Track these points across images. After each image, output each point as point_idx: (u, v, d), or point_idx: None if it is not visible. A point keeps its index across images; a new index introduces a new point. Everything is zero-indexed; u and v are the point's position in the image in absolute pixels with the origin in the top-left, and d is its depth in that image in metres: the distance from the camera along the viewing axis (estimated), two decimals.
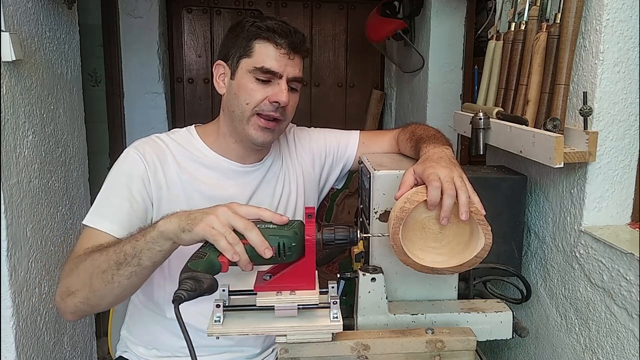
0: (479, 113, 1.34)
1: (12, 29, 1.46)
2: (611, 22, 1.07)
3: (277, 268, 0.93)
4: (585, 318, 1.15)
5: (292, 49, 1.14)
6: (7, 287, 1.45)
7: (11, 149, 1.48)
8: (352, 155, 1.37)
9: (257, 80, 1.14)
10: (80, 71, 2.01)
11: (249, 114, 1.15)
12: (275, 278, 0.91)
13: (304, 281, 0.90)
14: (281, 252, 0.88)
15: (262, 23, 1.14)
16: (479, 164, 1.64)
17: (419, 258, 0.94)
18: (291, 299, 0.90)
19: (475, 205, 0.91)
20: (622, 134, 1.11)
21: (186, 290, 0.80)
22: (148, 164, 1.16)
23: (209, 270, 0.84)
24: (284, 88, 1.14)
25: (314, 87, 3.22)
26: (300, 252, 0.90)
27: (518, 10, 1.30)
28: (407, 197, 0.91)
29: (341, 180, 1.44)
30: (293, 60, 1.15)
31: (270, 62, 1.13)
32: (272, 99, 1.14)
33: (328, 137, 1.39)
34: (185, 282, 0.81)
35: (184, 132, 1.26)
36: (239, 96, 1.15)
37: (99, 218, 1.10)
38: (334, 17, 3.17)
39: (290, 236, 0.88)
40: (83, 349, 1.99)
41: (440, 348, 0.94)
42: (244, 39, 1.15)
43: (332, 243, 0.91)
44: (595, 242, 1.10)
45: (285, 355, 0.92)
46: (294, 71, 1.16)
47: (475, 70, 2.01)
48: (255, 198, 1.24)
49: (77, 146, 1.96)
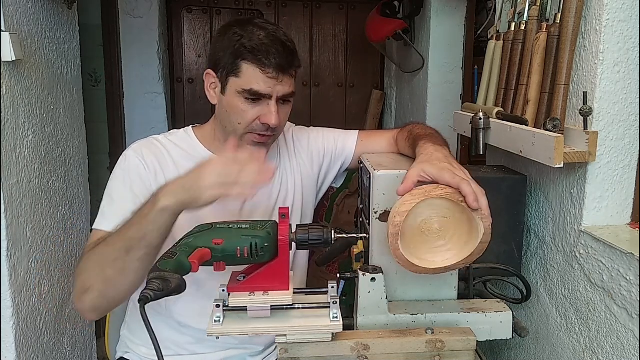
0: (479, 113, 1.34)
1: (12, 29, 1.46)
2: (611, 22, 1.07)
3: (251, 269, 0.93)
4: (585, 318, 1.15)
5: (280, 71, 1.10)
6: (7, 287, 1.45)
7: (11, 149, 1.48)
8: (351, 154, 1.37)
9: (247, 100, 1.12)
10: (80, 71, 2.01)
11: (241, 132, 1.15)
12: (249, 278, 0.91)
13: (278, 281, 0.90)
14: (254, 252, 0.88)
15: (248, 42, 1.09)
16: (479, 164, 1.64)
17: (429, 262, 0.94)
18: (264, 300, 0.90)
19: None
20: (622, 134, 1.11)
21: (153, 290, 0.79)
22: (148, 166, 1.16)
23: (178, 270, 0.84)
24: (274, 110, 1.12)
25: (314, 87, 3.22)
26: (274, 253, 0.90)
27: (518, 10, 1.30)
28: (395, 211, 0.91)
29: (339, 179, 1.43)
30: (282, 82, 1.12)
31: (258, 86, 1.10)
32: (263, 120, 1.13)
33: (326, 136, 1.38)
34: (153, 282, 0.80)
35: (181, 133, 1.26)
36: (230, 114, 1.14)
37: (105, 220, 1.11)
38: (334, 17, 3.17)
39: (262, 236, 0.88)
40: (83, 349, 1.99)
41: (440, 348, 0.94)
42: (231, 55, 1.11)
43: (305, 243, 0.91)
44: (595, 242, 1.10)
45: (285, 355, 0.92)
46: (284, 89, 1.13)
47: (475, 70, 2.01)
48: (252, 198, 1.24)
49: (77, 146, 1.96)
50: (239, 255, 0.88)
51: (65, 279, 1.83)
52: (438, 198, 0.91)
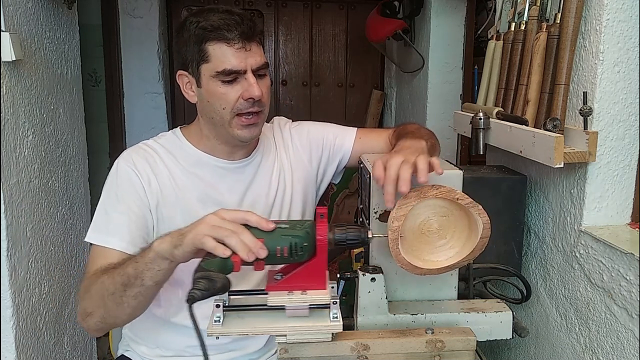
0: (479, 113, 1.34)
1: (12, 29, 1.46)
2: (611, 22, 1.07)
3: (289, 268, 0.93)
4: (585, 318, 1.15)
5: (245, 40, 1.09)
6: (7, 287, 1.45)
7: (11, 149, 1.48)
8: (349, 150, 1.35)
9: (224, 82, 1.10)
10: (80, 71, 2.01)
11: (228, 117, 1.13)
12: (287, 278, 0.91)
13: (315, 281, 0.90)
14: (293, 252, 0.88)
15: (206, 22, 1.08)
16: (479, 164, 1.64)
17: (432, 262, 0.94)
18: (302, 299, 0.90)
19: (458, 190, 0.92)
20: (622, 134, 1.11)
21: (199, 289, 0.80)
22: (140, 174, 1.15)
23: (222, 270, 0.84)
24: (253, 82, 1.10)
25: (314, 87, 3.22)
26: (312, 252, 0.89)
27: (518, 10, 1.30)
28: (392, 217, 0.91)
29: (338, 176, 1.41)
30: (251, 50, 1.10)
31: (230, 62, 1.08)
32: (246, 96, 1.11)
33: (325, 131, 1.37)
34: (199, 281, 0.81)
35: (170, 135, 1.25)
36: (212, 103, 1.13)
37: (103, 235, 1.11)
38: (334, 17, 3.17)
39: (302, 236, 0.88)
40: (83, 349, 1.99)
41: (440, 348, 0.94)
42: (195, 44, 1.10)
43: (343, 243, 0.91)
44: (595, 242, 1.10)
45: (285, 355, 0.92)
46: (256, 60, 1.11)
47: (475, 70, 2.01)
48: (249, 194, 1.23)
49: (77, 146, 1.96)
50: (278, 255, 0.88)
51: (65, 279, 1.83)
52: (433, 198, 0.91)
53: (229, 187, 1.21)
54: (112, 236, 1.10)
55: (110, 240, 1.10)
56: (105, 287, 1.00)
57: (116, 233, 1.10)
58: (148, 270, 0.95)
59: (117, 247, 1.09)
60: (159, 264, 0.94)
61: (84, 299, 1.06)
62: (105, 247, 1.10)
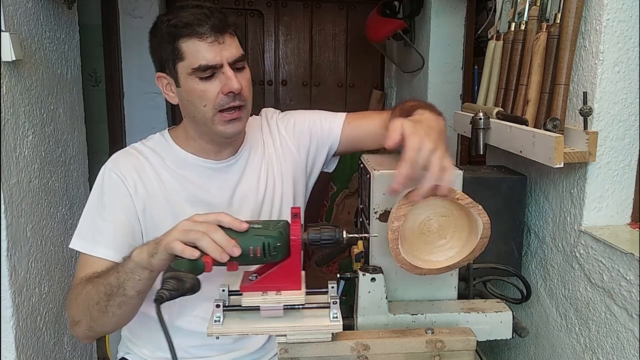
0: (479, 113, 1.34)
1: (12, 29, 1.46)
2: (611, 22, 1.07)
3: (264, 268, 0.92)
4: (585, 318, 1.15)
5: (217, 32, 1.07)
6: (7, 287, 1.45)
7: (11, 149, 1.48)
8: (337, 135, 1.32)
9: (202, 79, 1.09)
10: (80, 71, 2.01)
11: (210, 114, 1.12)
12: (261, 278, 0.91)
13: (290, 281, 0.90)
14: (266, 252, 0.88)
15: (177, 20, 1.07)
16: (479, 164, 1.64)
17: (432, 262, 0.94)
18: (276, 299, 0.90)
19: (458, 190, 0.91)
20: (622, 134, 1.11)
21: (168, 289, 0.80)
22: (126, 180, 1.14)
23: (192, 270, 0.84)
24: (230, 74, 1.09)
25: (314, 87, 3.22)
26: (286, 252, 0.89)
27: (518, 10, 1.30)
28: (392, 217, 0.91)
29: (331, 164, 1.39)
30: (224, 43, 1.08)
31: (204, 58, 1.07)
32: (225, 91, 1.09)
33: (312, 118, 1.34)
34: (168, 281, 0.81)
35: (157, 137, 1.24)
36: (193, 102, 1.12)
37: (89, 244, 1.11)
38: (334, 17, 3.17)
39: (275, 236, 0.88)
40: (83, 349, 1.99)
41: (440, 348, 0.94)
42: (167, 43, 1.09)
43: (317, 243, 0.91)
44: (595, 242, 1.10)
45: (285, 355, 0.92)
46: (231, 53, 1.09)
47: (475, 70, 2.01)
48: (238, 192, 1.22)
49: (77, 146, 1.96)
50: (251, 255, 0.88)
51: (65, 279, 1.83)
52: (433, 198, 0.91)
53: (218, 187, 1.21)
54: (97, 244, 1.10)
55: (96, 248, 1.10)
56: (90, 296, 1.01)
57: (101, 241, 1.10)
58: (129, 280, 0.95)
59: (102, 256, 1.09)
60: (139, 273, 0.94)
61: (71, 308, 1.07)
62: (93, 256, 1.10)
